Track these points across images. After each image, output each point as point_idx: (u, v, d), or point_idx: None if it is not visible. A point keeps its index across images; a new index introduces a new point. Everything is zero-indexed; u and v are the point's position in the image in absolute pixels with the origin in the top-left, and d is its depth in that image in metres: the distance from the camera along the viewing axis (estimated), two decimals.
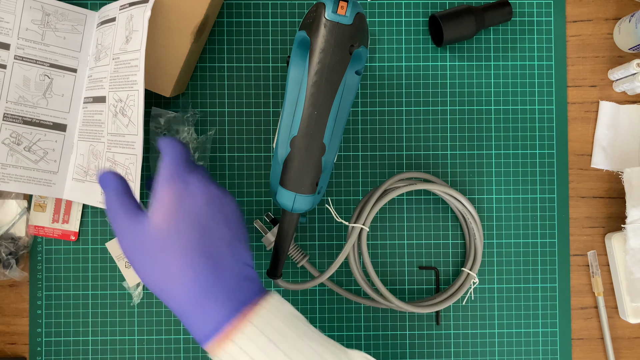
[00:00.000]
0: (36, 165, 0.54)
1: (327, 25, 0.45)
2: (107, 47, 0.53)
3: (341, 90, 0.46)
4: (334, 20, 0.45)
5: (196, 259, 0.39)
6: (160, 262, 0.38)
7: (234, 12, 0.59)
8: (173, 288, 0.39)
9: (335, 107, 0.46)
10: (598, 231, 0.60)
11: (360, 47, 0.47)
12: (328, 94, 0.46)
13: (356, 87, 0.50)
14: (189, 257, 0.38)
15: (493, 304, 0.59)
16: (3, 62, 0.53)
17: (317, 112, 0.46)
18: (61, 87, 0.55)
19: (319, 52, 0.45)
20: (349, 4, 0.45)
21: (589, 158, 0.60)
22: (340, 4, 0.45)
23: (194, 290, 0.38)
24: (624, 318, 0.58)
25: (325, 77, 0.45)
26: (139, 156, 0.50)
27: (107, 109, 0.52)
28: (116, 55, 0.51)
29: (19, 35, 0.53)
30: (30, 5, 0.53)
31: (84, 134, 0.55)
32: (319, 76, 0.45)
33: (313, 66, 0.45)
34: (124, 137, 0.51)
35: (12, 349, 0.58)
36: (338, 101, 0.46)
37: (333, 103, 0.46)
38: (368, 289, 0.55)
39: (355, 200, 0.59)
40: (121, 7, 0.52)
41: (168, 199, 0.39)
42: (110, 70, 0.52)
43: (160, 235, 0.39)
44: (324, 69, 0.45)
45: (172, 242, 0.39)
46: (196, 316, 0.39)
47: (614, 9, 0.60)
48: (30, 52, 0.54)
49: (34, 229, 0.57)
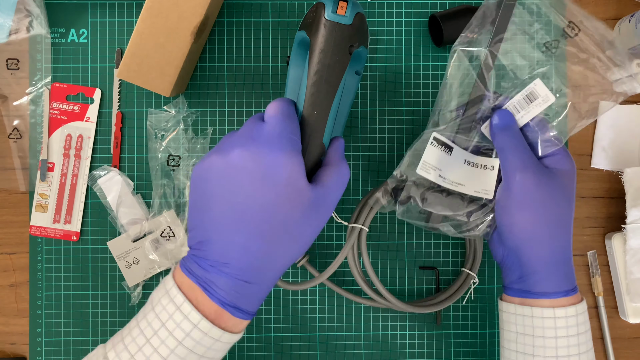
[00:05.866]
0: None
1: (326, 25, 0.45)
2: None
3: (341, 90, 0.46)
4: (333, 21, 0.45)
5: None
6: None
7: (234, 12, 0.59)
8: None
9: (334, 107, 0.46)
10: (598, 231, 0.60)
11: (360, 47, 0.47)
12: (328, 94, 0.46)
13: (356, 87, 0.50)
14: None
15: (493, 304, 0.59)
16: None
17: (316, 112, 0.46)
18: None
19: (318, 52, 0.45)
20: (348, 4, 0.45)
21: (589, 158, 0.60)
22: (340, 4, 0.45)
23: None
24: (624, 318, 0.58)
25: (325, 77, 0.45)
26: None
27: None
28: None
29: None
30: None
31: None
32: (318, 76, 0.45)
33: (313, 66, 0.45)
34: None
35: (12, 349, 0.58)
36: (337, 101, 0.46)
37: (332, 103, 0.46)
38: (367, 289, 0.55)
39: (355, 200, 0.59)
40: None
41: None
42: None
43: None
44: (323, 69, 0.45)
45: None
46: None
47: (614, 9, 0.60)
48: None
49: (36, 230, 0.58)
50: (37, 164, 0.58)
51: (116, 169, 0.58)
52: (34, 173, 0.58)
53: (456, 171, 0.49)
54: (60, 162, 0.58)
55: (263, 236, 0.40)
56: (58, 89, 0.58)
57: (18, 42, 0.58)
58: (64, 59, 0.58)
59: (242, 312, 0.41)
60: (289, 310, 0.58)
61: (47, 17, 0.58)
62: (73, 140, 0.58)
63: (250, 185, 0.40)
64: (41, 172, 0.58)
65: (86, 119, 0.58)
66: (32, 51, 0.58)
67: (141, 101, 0.58)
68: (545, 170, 0.47)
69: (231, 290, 0.40)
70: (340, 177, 0.44)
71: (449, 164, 0.49)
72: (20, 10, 0.57)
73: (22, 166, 0.58)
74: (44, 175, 0.58)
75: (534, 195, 0.45)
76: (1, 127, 0.58)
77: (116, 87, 0.58)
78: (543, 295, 0.46)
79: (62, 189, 0.58)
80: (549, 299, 0.46)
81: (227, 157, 0.41)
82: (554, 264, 0.46)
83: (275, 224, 0.40)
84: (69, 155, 0.58)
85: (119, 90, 0.58)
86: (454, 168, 0.49)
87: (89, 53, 0.58)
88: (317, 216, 0.42)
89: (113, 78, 0.58)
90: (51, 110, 0.58)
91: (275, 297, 0.58)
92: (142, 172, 0.58)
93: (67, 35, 0.58)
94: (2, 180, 0.58)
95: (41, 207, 0.58)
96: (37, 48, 0.58)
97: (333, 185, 0.43)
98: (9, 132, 0.58)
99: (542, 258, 0.46)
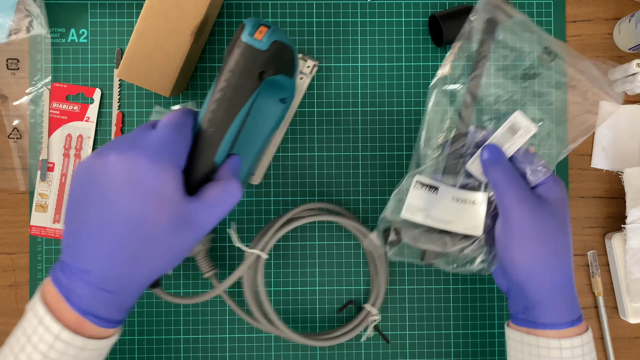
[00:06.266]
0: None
1: (240, 46, 0.44)
2: None
3: (245, 113, 0.45)
4: (248, 43, 0.44)
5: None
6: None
7: (234, 12, 0.59)
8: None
9: (235, 128, 0.45)
10: (598, 231, 0.60)
11: (278, 75, 0.46)
12: (228, 114, 0.45)
13: (280, 115, 0.50)
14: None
15: (493, 304, 0.59)
16: None
17: (212, 129, 0.45)
18: None
19: (227, 71, 0.44)
20: (268, 31, 0.44)
21: (589, 158, 0.60)
22: (260, 28, 0.44)
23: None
24: (624, 318, 0.58)
25: (228, 97, 0.45)
26: None
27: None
28: None
29: None
30: None
31: None
32: (221, 94, 0.45)
33: (219, 83, 0.45)
34: None
35: None
36: (240, 122, 0.45)
37: (232, 124, 0.45)
38: (259, 316, 0.54)
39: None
40: None
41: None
42: None
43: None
44: (228, 88, 0.44)
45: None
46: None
47: (614, 9, 0.60)
48: None
49: (36, 230, 0.58)
50: (37, 164, 0.58)
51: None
52: (34, 173, 0.58)
53: (444, 209, 0.50)
54: (60, 162, 0.58)
55: (126, 246, 0.39)
56: (58, 89, 0.58)
57: (18, 42, 0.58)
58: (64, 59, 0.58)
59: (104, 321, 0.40)
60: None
61: (47, 17, 0.58)
62: (73, 140, 0.58)
63: (119, 192, 0.38)
64: (41, 172, 0.58)
65: (86, 119, 0.58)
66: (32, 51, 0.58)
67: (141, 101, 0.58)
68: (539, 202, 0.47)
69: (91, 299, 0.39)
70: (225, 194, 0.42)
71: (436, 203, 0.50)
72: (20, 10, 0.57)
73: (22, 166, 0.58)
74: (44, 175, 0.58)
75: (532, 231, 0.46)
76: (1, 127, 0.58)
77: (116, 87, 0.58)
78: (549, 326, 0.46)
79: (62, 189, 0.58)
80: (555, 330, 0.46)
81: (103, 159, 0.39)
82: (558, 295, 0.47)
83: (140, 235, 0.38)
84: (69, 155, 0.58)
85: (119, 90, 0.58)
86: (441, 206, 0.50)
87: (89, 53, 0.58)
88: (189, 231, 0.40)
89: (113, 78, 0.58)
90: (51, 110, 0.58)
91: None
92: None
93: (67, 35, 0.58)
94: (2, 180, 0.58)
95: (41, 207, 0.58)
96: (37, 48, 0.58)
97: (213, 201, 0.41)
98: (9, 132, 0.58)
99: (545, 290, 0.46)
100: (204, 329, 0.58)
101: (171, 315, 0.58)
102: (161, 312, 0.58)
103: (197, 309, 0.58)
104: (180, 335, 0.58)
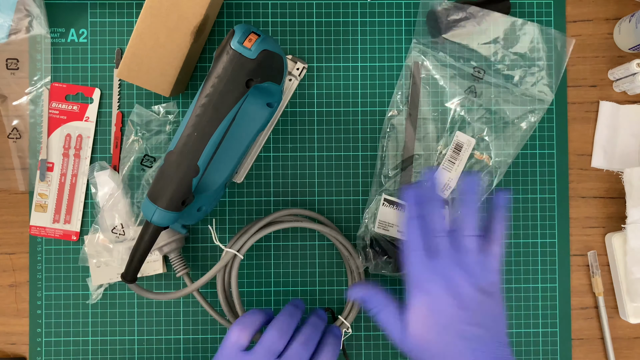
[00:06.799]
0: None
1: (229, 53, 0.44)
2: None
3: (230, 118, 0.46)
4: (237, 50, 0.44)
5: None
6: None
7: (234, 12, 0.59)
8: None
9: (219, 133, 0.46)
10: (598, 231, 0.60)
11: (266, 83, 0.46)
12: (212, 119, 0.45)
13: (266, 119, 0.50)
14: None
15: None
16: None
17: (196, 134, 0.45)
18: None
19: (214, 77, 0.45)
20: (258, 39, 0.45)
21: (589, 158, 0.60)
22: (249, 36, 0.45)
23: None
24: (624, 318, 0.58)
25: (214, 103, 0.45)
26: None
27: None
28: None
29: None
30: None
31: None
32: (207, 100, 0.45)
33: (206, 88, 0.45)
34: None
35: (12, 349, 0.58)
36: (225, 128, 0.46)
37: (217, 129, 0.45)
38: (231, 317, 0.54)
39: (355, 200, 0.59)
40: None
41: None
42: None
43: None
44: (214, 94, 0.45)
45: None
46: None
47: (614, 9, 0.60)
48: None
49: (35, 230, 0.58)
50: (37, 163, 0.58)
51: (114, 169, 0.58)
52: (33, 173, 0.58)
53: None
54: (60, 162, 0.58)
55: None
56: (57, 88, 0.58)
57: (18, 42, 0.58)
58: (63, 59, 0.58)
59: None
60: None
61: (47, 17, 0.58)
62: (72, 140, 0.58)
63: None
64: (40, 172, 0.58)
65: (85, 119, 0.58)
66: (32, 51, 0.58)
67: (141, 101, 0.58)
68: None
69: None
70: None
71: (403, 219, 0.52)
72: (20, 10, 0.57)
73: (22, 166, 0.58)
74: (44, 175, 0.58)
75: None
76: (1, 127, 0.58)
77: (116, 87, 0.58)
78: None
79: (62, 188, 0.58)
80: None
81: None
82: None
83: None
84: (69, 155, 0.58)
85: (119, 90, 0.58)
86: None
87: (89, 53, 0.58)
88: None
89: (113, 78, 0.58)
90: (50, 110, 0.58)
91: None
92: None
93: (67, 35, 0.58)
94: (1, 180, 0.58)
95: (41, 207, 0.58)
96: (36, 48, 0.58)
97: None
98: (9, 132, 0.58)
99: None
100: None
101: (170, 315, 0.58)
102: (161, 312, 0.58)
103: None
104: (180, 336, 0.58)
